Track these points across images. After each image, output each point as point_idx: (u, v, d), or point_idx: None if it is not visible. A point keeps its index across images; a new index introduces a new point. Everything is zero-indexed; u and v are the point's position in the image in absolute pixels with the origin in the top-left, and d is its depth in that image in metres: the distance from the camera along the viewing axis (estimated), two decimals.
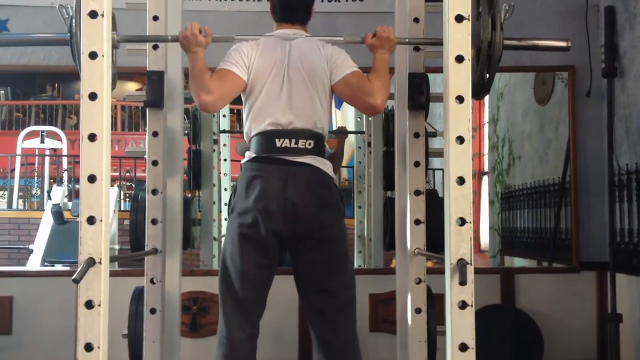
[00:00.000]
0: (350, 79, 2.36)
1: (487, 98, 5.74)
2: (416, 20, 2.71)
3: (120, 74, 2.48)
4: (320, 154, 2.37)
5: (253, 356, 2.35)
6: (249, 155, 2.37)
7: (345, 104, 5.95)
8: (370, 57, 2.39)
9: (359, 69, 2.41)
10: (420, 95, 2.80)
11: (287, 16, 2.48)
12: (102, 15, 1.78)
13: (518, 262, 5.08)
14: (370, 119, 4.65)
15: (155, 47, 2.78)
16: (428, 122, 3.07)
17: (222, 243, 2.47)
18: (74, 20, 2.18)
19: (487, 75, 2.18)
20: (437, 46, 2.10)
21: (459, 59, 1.84)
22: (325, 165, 2.35)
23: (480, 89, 2.23)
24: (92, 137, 1.78)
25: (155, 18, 2.73)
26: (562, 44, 2.32)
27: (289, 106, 2.33)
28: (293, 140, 2.31)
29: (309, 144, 2.32)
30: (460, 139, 1.84)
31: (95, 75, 1.80)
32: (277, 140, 2.31)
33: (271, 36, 2.44)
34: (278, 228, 2.28)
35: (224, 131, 4.95)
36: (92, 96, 1.79)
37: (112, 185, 6.16)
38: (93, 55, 1.80)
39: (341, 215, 2.40)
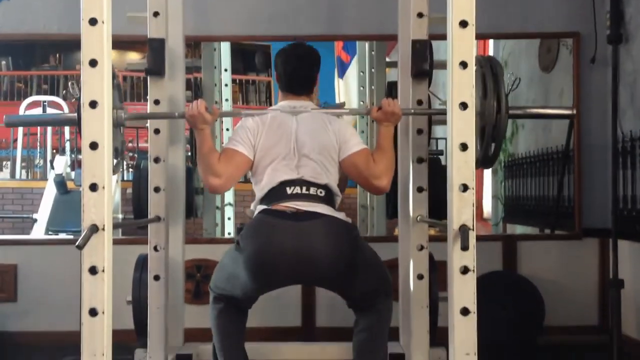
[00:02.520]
0: (357, 159, 2.40)
1: None
2: None
3: (122, 44, 2.47)
4: (333, 205, 2.36)
5: (244, 319, 2.44)
6: (259, 208, 2.34)
7: (347, 74, 5.92)
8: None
9: (365, 147, 2.45)
10: (423, 62, 2.78)
11: (292, 88, 2.53)
12: None
13: (520, 230, 5.08)
14: (372, 87, 4.62)
15: (155, 15, 2.76)
16: (432, 91, 3.05)
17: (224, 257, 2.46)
18: None
19: (493, 148, 2.22)
20: (441, 13, 2.08)
21: (463, 24, 1.83)
22: (340, 215, 2.34)
23: (485, 161, 2.28)
24: (93, 104, 1.78)
25: None
26: (567, 112, 2.37)
27: (297, 169, 2.35)
28: (304, 187, 2.31)
29: (321, 192, 2.33)
30: (464, 105, 1.83)
31: (95, 42, 1.78)
32: (287, 188, 2.31)
33: (277, 110, 2.46)
34: (287, 281, 2.37)
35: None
36: (93, 63, 1.78)
37: None
38: (93, 22, 1.78)
39: (360, 249, 2.36)
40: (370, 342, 2.35)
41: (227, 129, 4.98)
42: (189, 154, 3.47)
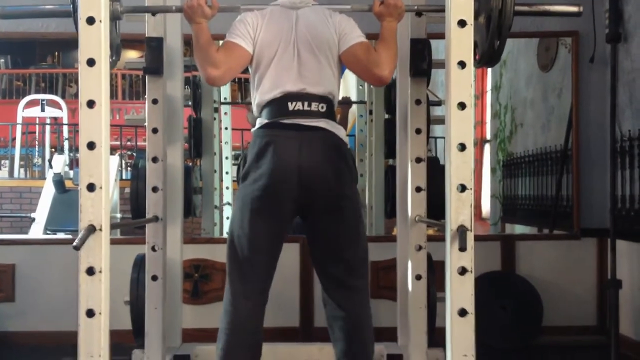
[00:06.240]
0: (357, 49, 2.32)
1: None
2: None
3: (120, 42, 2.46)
4: (333, 118, 2.34)
5: (260, 324, 2.35)
6: (260, 121, 2.32)
7: (347, 73, 5.90)
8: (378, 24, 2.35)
9: (366, 39, 2.36)
10: (422, 61, 2.78)
11: None
12: None
13: (519, 229, 5.09)
14: (371, 87, 4.62)
15: (154, 14, 2.75)
16: (430, 89, 3.05)
17: (232, 211, 2.45)
18: None
19: (498, 43, 2.15)
20: (441, 11, 2.08)
21: (462, 23, 1.82)
22: (339, 130, 2.32)
23: (490, 57, 2.21)
24: (90, 104, 1.77)
25: None
26: (574, 9, 2.29)
27: (299, 76, 2.30)
28: (306, 103, 2.26)
29: (322, 107, 2.28)
30: (462, 105, 1.83)
31: (93, 41, 1.78)
32: (289, 103, 2.26)
33: (277, 5, 2.39)
34: (292, 195, 2.25)
35: (225, 102, 4.93)
36: (90, 62, 1.78)
37: (113, 154, 6.16)
38: (91, 21, 1.78)
39: (354, 182, 2.38)
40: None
41: (226, 128, 4.99)
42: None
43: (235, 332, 2.30)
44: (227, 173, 4.89)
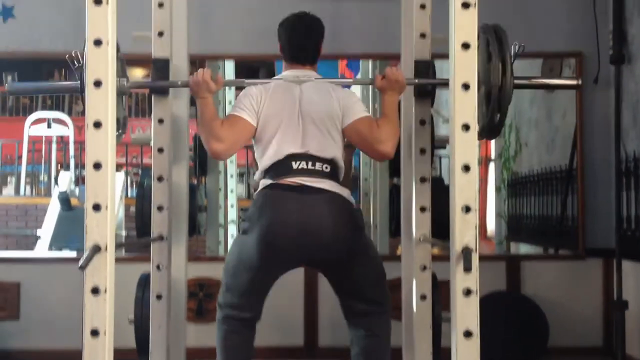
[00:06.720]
0: (359, 125, 2.37)
1: None
2: (422, 6, 2.70)
3: (126, 61, 2.47)
4: (337, 180, 2.36)
5: (251, 341, 2.43)
6: (264, 183, 2.33)
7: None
8: None
9: (369, 114, 2.42)
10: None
11: (296, 57, 2.49)
12: (107, 2, 1.77)
13: (524, 248, 5.08)
14: (376, 106, 4.64)
15: (160, 34, 2.77)
16: (435, 109, 3.06)
17: (227, 256, 2.48)
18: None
19: (498, 117, 2.17)
20: (444, 34, 2.09)
21: (465, 46, 1.83)
22: (344, 192, 2.34)
23: (491, 130, 2.22)
24: (97, 125, 1.79)
25: (161, 5, 2.72)
26: (573, 82, 2.33)
27: (303, 144, 2.33)
28: (310, 162, 2.29)
29: (326, 167, 2.31)
30: (466, 127, 1.83)
31: (101, 62, 1.79)
32: (293, 163, 2.29)
33: (281, 80, 2.44)
34: (292, 256, 2.30)
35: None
36: (97, 83, 1.79)
37: (118, 171, 6.18)
38: (98, 43, 1.79)
39: (362, 232, 2.40)
40: None
41: (230, 102, 4.96)
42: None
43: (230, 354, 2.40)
44: (232, 191, 4.91)
